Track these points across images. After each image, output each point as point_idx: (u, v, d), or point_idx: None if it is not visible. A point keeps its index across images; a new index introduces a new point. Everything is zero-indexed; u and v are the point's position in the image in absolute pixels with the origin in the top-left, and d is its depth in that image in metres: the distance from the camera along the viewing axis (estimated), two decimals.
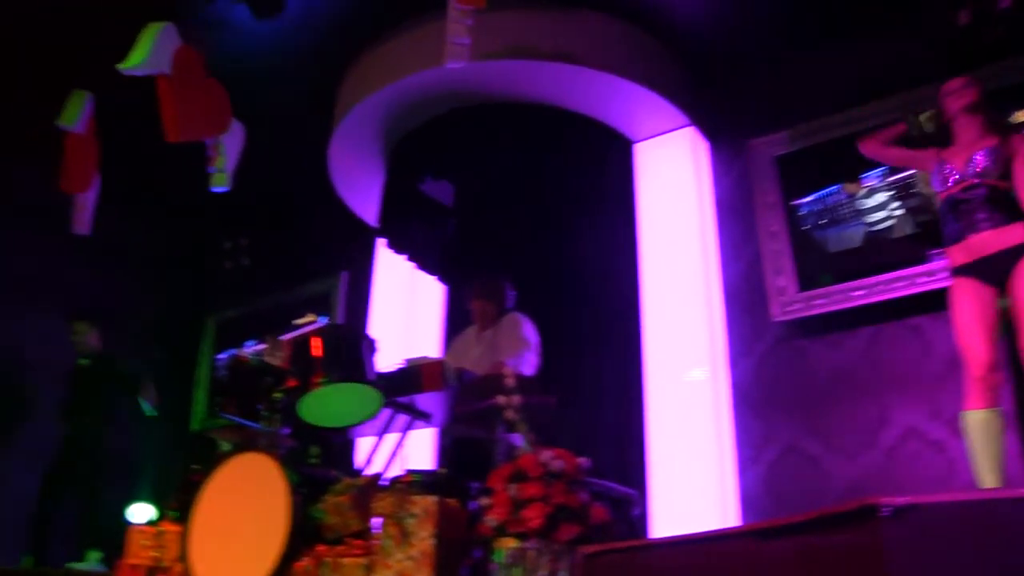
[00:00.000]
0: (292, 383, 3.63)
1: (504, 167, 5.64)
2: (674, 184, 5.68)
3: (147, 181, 7.19)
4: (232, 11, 5.40)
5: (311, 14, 5.61)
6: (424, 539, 3.02)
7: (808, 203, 5.30)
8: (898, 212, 4.97)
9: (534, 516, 2.91)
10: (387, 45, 5.56)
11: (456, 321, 5.71)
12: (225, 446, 5.09)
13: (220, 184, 5.23)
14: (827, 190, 5.24)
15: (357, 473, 3.89)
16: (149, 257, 7.96)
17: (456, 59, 4.46)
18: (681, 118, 5.69)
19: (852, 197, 5.16)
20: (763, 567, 2.14)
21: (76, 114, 5.26)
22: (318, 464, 3.96)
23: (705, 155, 5.85)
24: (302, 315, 7.13)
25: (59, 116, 5.24)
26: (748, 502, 4.97)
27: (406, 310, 6.45)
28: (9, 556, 5.77)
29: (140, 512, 6.12)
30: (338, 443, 4.54)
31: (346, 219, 6.81)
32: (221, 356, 7.74)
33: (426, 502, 3.08)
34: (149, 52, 4.47)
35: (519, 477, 3.01)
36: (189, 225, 7.94)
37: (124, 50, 4.55)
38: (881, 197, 5.05)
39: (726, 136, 5.80)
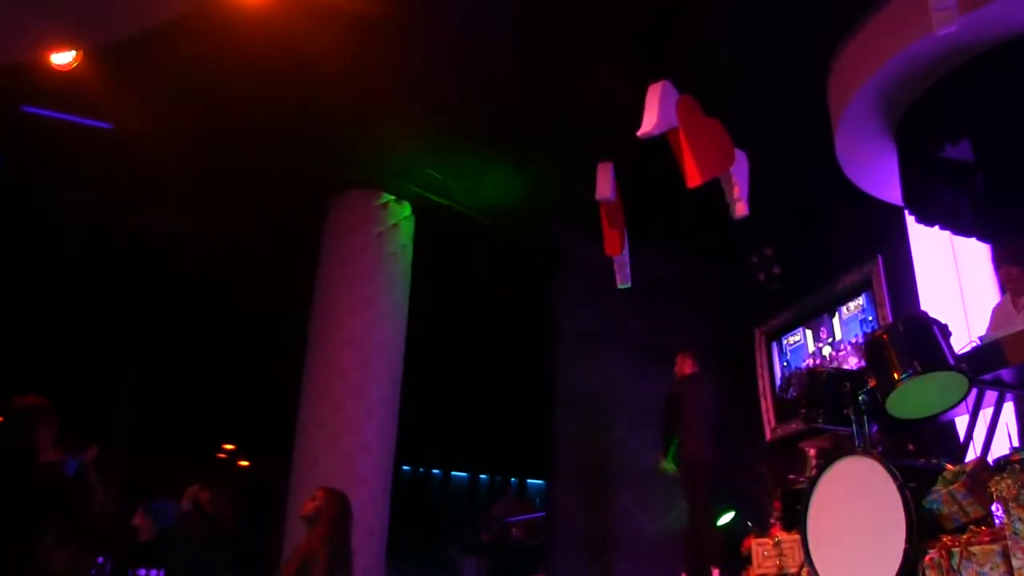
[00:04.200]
0: (872, 383, 3.72)
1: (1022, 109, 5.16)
2: None
3: (672, 227, 7.86)
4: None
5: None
6: None
7: None
8: None
9: None
10: (867, 28, 5.46)
11: None
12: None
13: (740, 212, 5.51)
14: None
15: (959, 459, 3.83)
16: (693, 290, 8.63)
17: (945, 24, 4.25)
18: None
19: None
20: None
21: (605, 185, 5.97)
22: (917, 456, 3.98)
23: None
24: (844, 309, 7.26)
25: (595, 189, 6.00)
26: None
27: (954, 280, 6.14)
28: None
29: (724, 519, 6.62)
30: (929, 432, 4.48)
31: (867, 204, 6.71)
32: (779, 364, 8.07)
33: None
34: (658, 112, 4.90)
35: None
36: (717, 252, 8.45)
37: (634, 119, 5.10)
38: None
39: None
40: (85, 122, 7.06)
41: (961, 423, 4.34)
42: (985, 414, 3.97)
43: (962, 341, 3.93)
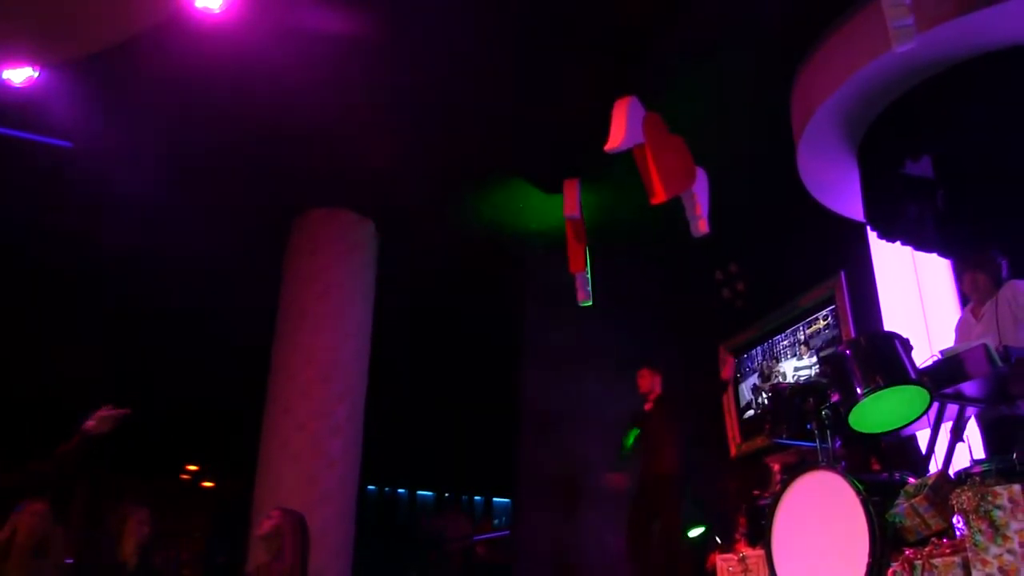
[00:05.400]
0: (835, 397, 3.74)
1: (982, 124, 5.24)
2: None
3: (637, 244, 7.91)
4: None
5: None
6: (1020, 531, 2.92)
7: None
8: None
9: None
10: (827, 47, 5.55)
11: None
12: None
13: (700, 231, 5.51)
14: None
15: (921, 473, 3.86)
16: (659, 307, 8.67)
17: (903, 42, 4.31)
18: None
19: None
20: None
21: (573, 202, 5.98)
22: (879, 470, 4.00)
23: None
24: (808, 324, 7.32)
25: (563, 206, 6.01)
26: None
27: (916, 295, 6.21)
28: None
29: (694, 533, 6.60)
30: (891, 445, 4.51)
31: (830, 220, 6.79)
32: (744, 381, 8.13)
33: (1012, 491, 2.97)
34: (625, 127, 4.92)
35: None
36: (683, 269, 8.49)
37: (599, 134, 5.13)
38: None
39: None
40: (45, 140, 6.95)
41: (923, 437, 4.38)
42: (946, 427, 4.00)
43: (924, 356, 3.97)
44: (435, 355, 10.41)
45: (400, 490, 17.32)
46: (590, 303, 6.27)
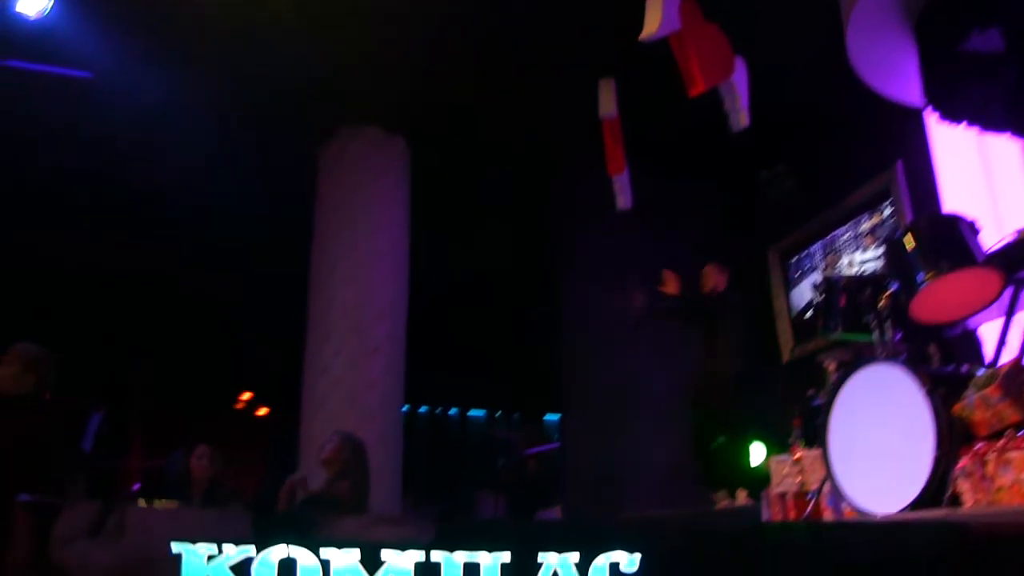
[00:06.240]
0: (894, 286, 3.47)
1: None
2: None
3: (678, 149, 7.58)
4: None
5: None
6: None
7: None
8: None
9: None
10: None
11: None
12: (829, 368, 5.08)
13: (740, 124, 5.31)
14: None
15: (991, 364, 3.59)
16: (703, 213, 8.34)
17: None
18: None
19: None
20: None
21: (609, 101, 5.72)
22: (943, 362, 3.74)
23: None
24: (869, 215, 6.96)
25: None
26: None
27: (981, 181, 5.81)
28: None
29: (756, 450, 6.33)
30: (955, 337, 4.24)
31: (883, 108, 6.36)
32: (798, 284, 7.83)
33: None
34: (661, 14, 4.62)
35: None
36: (728, 172, 8.13)
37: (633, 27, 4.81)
38: None
39: None
40: (64, 72, 6.80)
41: (991, 329, 4.09)
42: (1020, 317, 3.71)
43: (993, 241, 3.65)
44: (475, 271, 10.24)
45: (451, 410, 17.46)
46: (629, 208, 6.07)
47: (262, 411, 16.10)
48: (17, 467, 3.61)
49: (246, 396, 15.85)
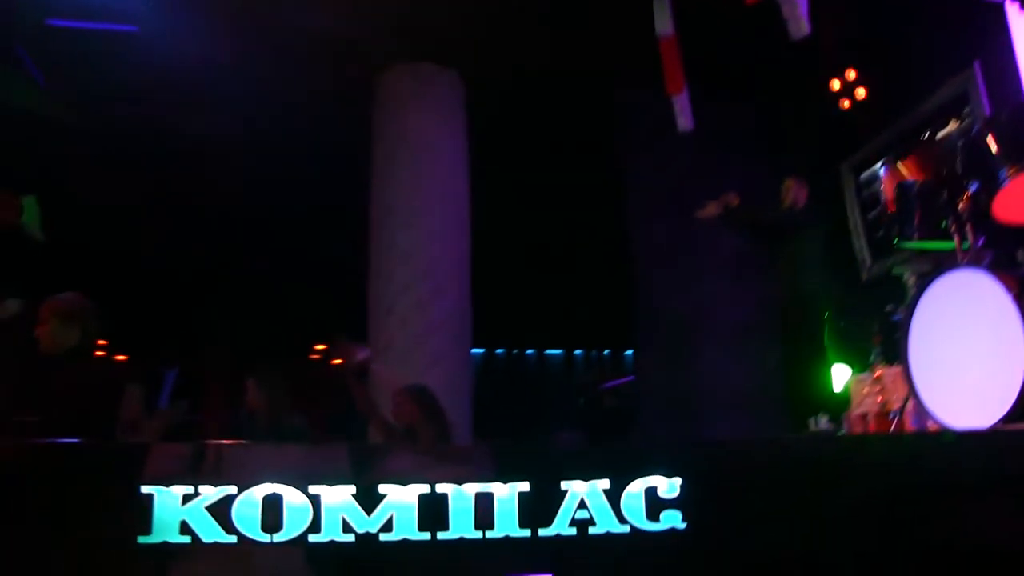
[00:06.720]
0: (974, 187, 3.24)
1: None
2: None
3: (739, 69, 7.28)
4: None
5: None
6: None
7: None
8: None
9: None
10: None
11: None
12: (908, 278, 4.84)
13: (801, 32, 5.03)
14: None
15: None
16: (769, 134, 8.02)
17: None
18: None
19: None
20: None
21: (664, 18, 5.50)
22: None
23: None
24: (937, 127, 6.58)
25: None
26: None
27: None
28: None
29: (839, 372, 6.09)
30: None
31: (957, 4, 5.98)
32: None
33: None
34: None
35: None
36: (792, 88, 7.77)
37: None
38: None
39: None
40: (111, 27, 6.80)
41: None
42: None
43: None
44: (539, 209, 10.06)
45: (528, 351, 17.43)
46: (690, 128, 5.86)
47: (337, 362, 16.23)
48: (83, 421, 3.59)
49: (321, 347, 16.01)
